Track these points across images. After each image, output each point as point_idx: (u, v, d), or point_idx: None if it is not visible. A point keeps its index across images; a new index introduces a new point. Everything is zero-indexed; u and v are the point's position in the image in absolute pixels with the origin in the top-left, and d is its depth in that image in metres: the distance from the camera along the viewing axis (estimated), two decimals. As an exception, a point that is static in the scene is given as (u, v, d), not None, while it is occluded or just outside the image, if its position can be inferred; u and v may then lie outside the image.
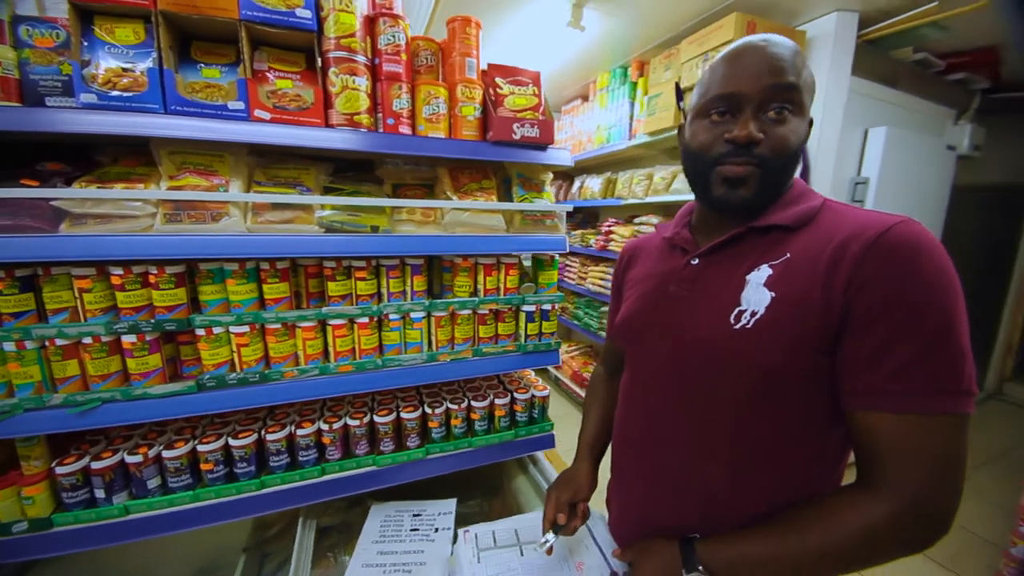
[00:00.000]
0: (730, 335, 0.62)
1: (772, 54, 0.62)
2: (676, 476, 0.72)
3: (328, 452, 1.18)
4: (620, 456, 0.87)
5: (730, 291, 0.65)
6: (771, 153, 0.62)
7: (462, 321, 1.24)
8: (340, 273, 1.10)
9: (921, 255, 0.52)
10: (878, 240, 0.54)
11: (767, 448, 0.63)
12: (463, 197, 1.18)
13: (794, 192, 0.69)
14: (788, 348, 0.58)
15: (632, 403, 0.82)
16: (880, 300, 0.53)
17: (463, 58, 1.12)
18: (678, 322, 0.71)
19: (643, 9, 2.42)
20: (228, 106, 0.92)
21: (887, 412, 0.54)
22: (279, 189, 1.04)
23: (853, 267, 0.55)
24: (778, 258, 0.63)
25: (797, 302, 0.58)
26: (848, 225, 0.59)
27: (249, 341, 1.04)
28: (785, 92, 0.61)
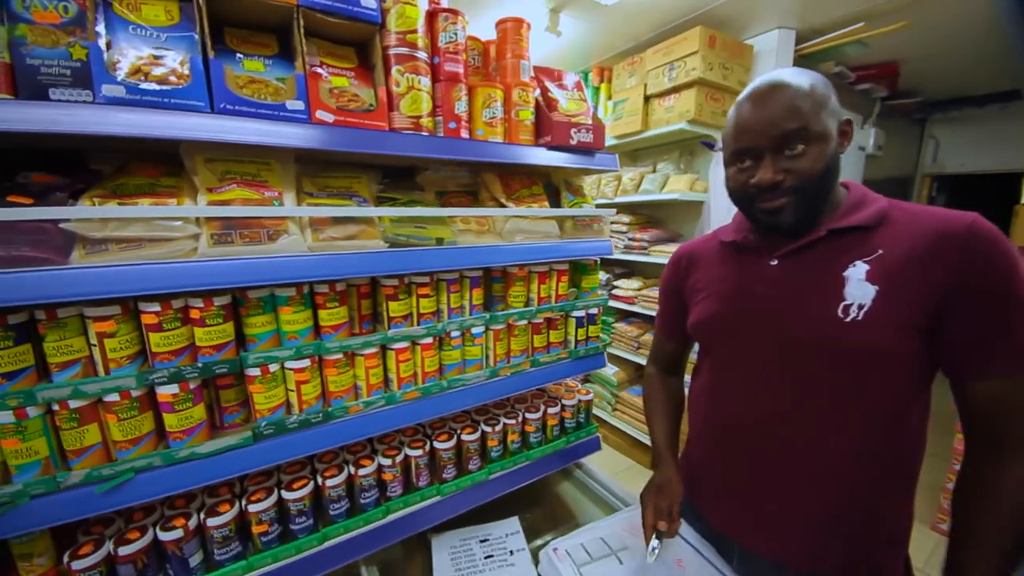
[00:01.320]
0: (843, 327, 0.69)
1: (770, 108, 0.69)
2: (791, 452, 0.76)
3: (390, 489, 1.06)
4: (713, 442, 0.91)
5: (831, 288, 0.71)
6: (798, 182, 0.70)
7: (519, 332, 1.19)
8: (402, 291, 1.00)
9: (1003, 245, 0.62)
10: (968, 235, 0.63)
11: (877, 412, 0.70)
12: (517, 204, 1.14)
13: (855, 195, 0.77)
14: (897, 331, 0.66)
15: (730, 392, 0.86)
16: (981, 284, 0.62)
17: (517, 60, 1.07)
18: (782, 320, 0.76)
19: (614, 18, 2.51)
20: (287, 105, 0.79)
21: (1010, 377, 0.62)
22: (333, 201, 0.91)
23: (954, 258, 0.63)
24: (871, 254, 0.70)
25: (901, 291, 0.66)
26: (929, 220, 0.68)
27: (309, 377, 0.90)
28: (793, 135, 0.68)
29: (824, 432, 0.73)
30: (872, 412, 0.71)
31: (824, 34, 2.57)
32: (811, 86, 0.69)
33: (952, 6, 2.36)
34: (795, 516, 0.78)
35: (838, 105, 0.71)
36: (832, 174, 0.72)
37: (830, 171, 0.71)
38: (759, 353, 0.79)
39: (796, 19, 2.52)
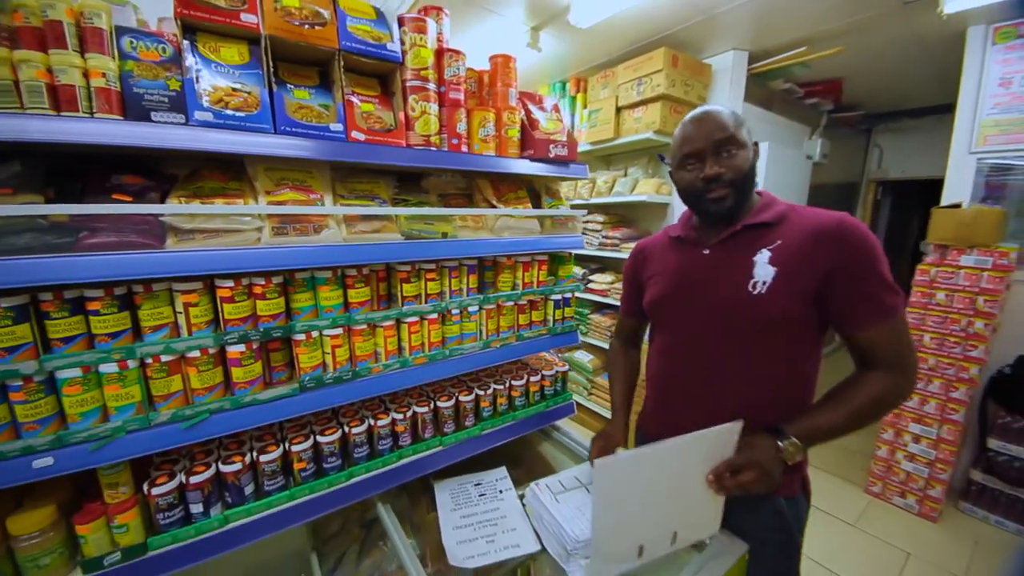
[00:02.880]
0: (752, 298, 0.95)
1: (713, 119, 0.95)
2: (721, 396, 1.03)
3: (402, 439, 1.29)
4: (662, 392, 1.17)
5: (744, 269, 0.98)
6: (734, 176, 0.95)
7: (507, 312, 1.44)
8: (414, 276, 1.23)
9: (863, 234, 0.89)
10: (838, 229, 0.90)
11: (778, 364, 0.97)
12: (505, 205, 1.38)
13: (765, 200, 1.04)
14: (789, 300, 0.93)
15: (674, 352, 1.12)
16: (850, 261, 0.88)
17: (506, 88, 1.32)
18: (709, 293, 1.02)
19: (589, 37, 2.78)
20: (330, 127, 1.01)
21: (879, 326, 0.89)
22: (360, 201, 1.14)
23: (831, 248, 0.90)
24: (772, 243, 0.97)
25: (792, 271, 0.93)
26: (813, 219, 0.95)
27: (343, 342, 1.13)
28: (726, 141, 0.94)
29: (741, 378, 1.00)
30: (776, 361, 0.97)
31: (773, 56, 2.91)
32: (732, 114, 0.96)
33: (881, 34, 2.73)
34: None
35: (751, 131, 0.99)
36: (752, 177, 0.98)
37: (751, 173, 0.97)
38: (695, 320, 1.05)
39: (748, 42, 2.85)
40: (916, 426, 2.61)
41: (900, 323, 0.90)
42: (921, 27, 2.63)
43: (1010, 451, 2.44)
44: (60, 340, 0.85)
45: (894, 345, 0.90)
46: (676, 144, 1.02)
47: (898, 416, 2.67)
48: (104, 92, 0.82)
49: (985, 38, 2.56)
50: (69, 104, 0.80)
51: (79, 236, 0.83)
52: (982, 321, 2.37)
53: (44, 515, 0.88)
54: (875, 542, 2.41)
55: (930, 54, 3.01)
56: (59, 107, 0.80)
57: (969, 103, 2.66)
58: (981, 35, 2.57)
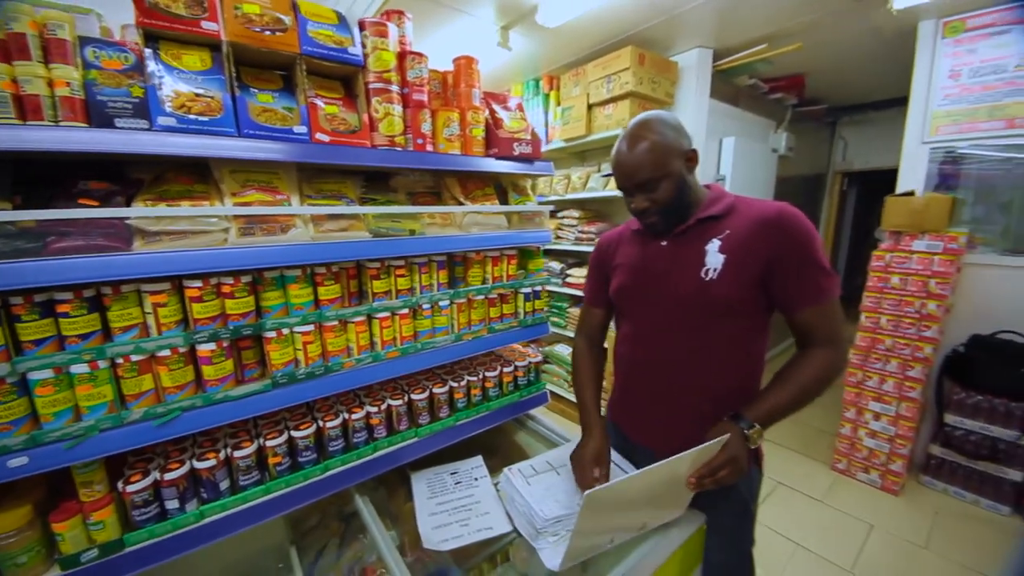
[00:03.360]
0: (704, 284, 1.03)
1: (627, 167, 1.01)
2: (677, 375, 1.10)
3: (377, 431, 1.33)
4: (628, 378, 1.24)
5: (697, 258, 1.05)
6: (660, 207, 1.03)
7: (477, 305, 1.49)
8: (383, 272, 1.27)
9: (800, 222, 0.97)
10: (777, 219, 0.98)
11: (729, 344, 1.05)
12: (473, 202, 1.43)
13: (714, 194, 1.11)
14: (737, 286, 1.00)
15: (637, 339, 1.18)
16: (789, 248, 0.96)
17: (470, 88, 1.36)
18: (668, 282, 1.09)
19: (558, 37, 2.83)
20: (294, 130, 1.05)
21: (814, 307, 0.97)
22: (328, 201, 1.17)
23: (770, 236, 0.97)
24: (721, 234, 1.04)
25: (740, 258, 1.00)
26: (756, 210, 1.02)
27: (314, 339, 1.16)
28: (645, 183, 1.00)
29: (697, 357, 1.07)
30: (727, 344, 1.05)
31: (736, 53, 3.01)
32: (653, 143, 0.98)
33: (838, 30, 2.85)
34: (676, 418, 1.12)
35: (683, 142, 1.01)
36: (684, 192, 1.03)
37: (680, 192, 1.02)
38: (656, 308, 1.12)
39: (712, 40, 2.95)
40: (876, 404, 2.74)
41: (833, 304, 0.98)
42: (875, 22, 2.76)
43: (966, 425, 2.59)
44: (31, 342, 0.87)
45: (828, 324, 0.99)
46: None
47: (859, 395, 2.81)
48: (68, 101, 0.85)
49: (935, 32, 2.70)
50: (35, 113, 0.82)
51: (47, 241, 0.85)
52: (934, 303, 2.50)
53: (21, 514, 0.90)
54: (841, 516, 2.54)
55: (887, 48, 3.15)
56: (25, 116, 0.82)
57: (921, 95, 2.79)
58: (931, 29, 2.70)
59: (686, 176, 1.03)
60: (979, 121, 2.59)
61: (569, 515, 1.11)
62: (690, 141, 1.04)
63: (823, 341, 1.00)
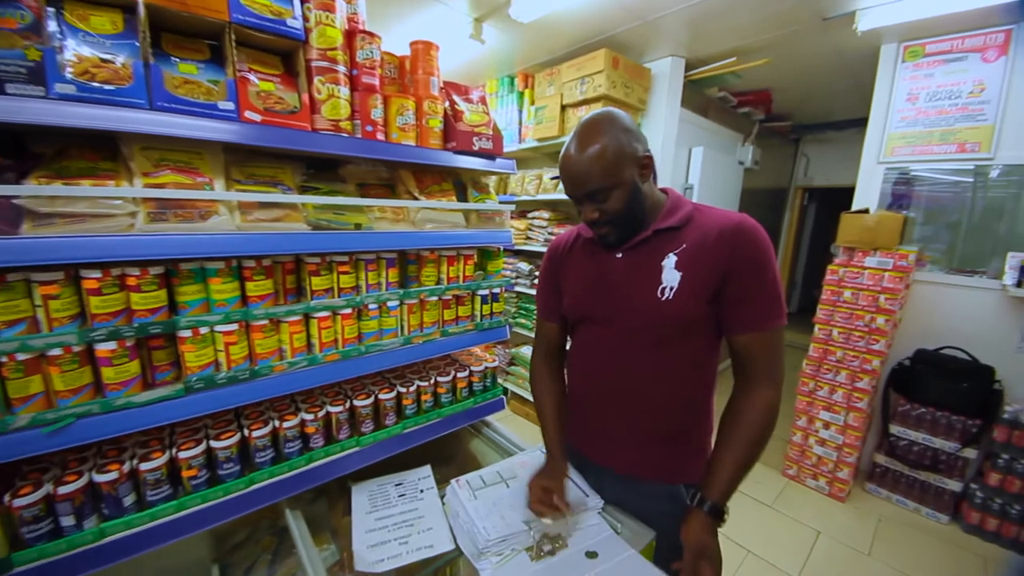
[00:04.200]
0: (661, 304, 0.97)
1: (575, 173, 0.92)
2: (632, 394, 1.05)
3: (312, 440, 1.23)
4: (581, 396, 1.18)
5: (653, 274, 0.99)
6: (612, 216, 0.95)
7: (430, 307, 1.41)
8: (324, 268, 1.17)
9: (759, 238, 0.92)
10: (735, 231, 0.93)
11: (684, 362, 1.00)
12: (428, 197, 1.35)
13: (672, 202, 1.04)
14: (695, 304, 0.95)
15: (593, 355, 1.12)
16: (741, 264, 0.91)
17: (427, 76, 1.28)
18: (623, 299, 1.03)
19: (532, 32, 2.78)
20: (219, 105, 0.94)
21: (757, 333, 0.93)
22: (260, 188, 1.06)
23: (727, 248, 0.92)
24: (678, 248, 0.98)
25: (696, 276, 0.94)
26: (714, 221, 0.96)
27: (237, 339, 1.05)
28: (594, 193, 0.92)
29: (651, 377, 1.01)
30: (682, 362, 0.99)
31: (708, 64, 3.04)
32: (603, 148, 0.88)
33: (805, 48, 2.92)
34: (631, 436, 1.07)
35: (637, 147, 0.92)
36: (637, 200, 0.95)
37: (634, 201, 0.94)
38: (609, 324, 1.06)
39: (685, 49, 2.96)
40: (826, 413, 2.82)
41: (777, 334, 0.93)
42: (840, 43, 2.84)
43: (909, 436, 2.69)
44: None
45: (768, 355, 0.93)
46: None
47: (810, 404, 2.88)
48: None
49: (896, 55, 2.80)
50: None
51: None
52: (883, 317, 2.59)
53: None
54: (790, 522, 2.59)
55: (849, 69, 3.26)
56: None
57: (880, 116, 2.89)
58: (893, 53, 2.80)
59: (639, 184, 0.96)
60: (932, 144, 2.71)
61: (514, 534, 1.05)
62: (645, 145, 0.97)
63: (761, 376, 0.94)
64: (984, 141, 2.56)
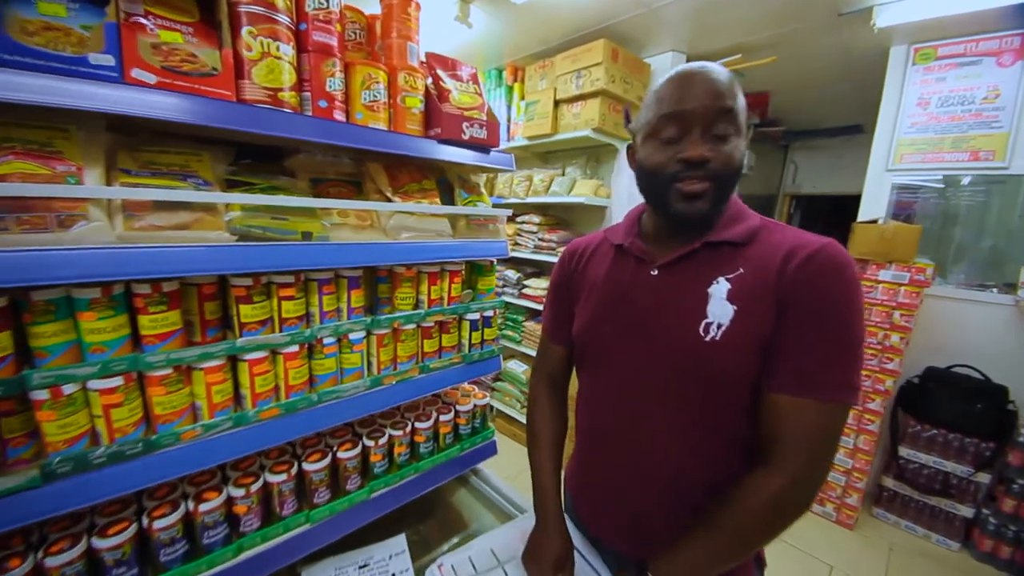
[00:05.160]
0: (703, 346, 0.70)
1: (715, 79, 0.67)
2: (649, 462, 0.78)
3: (244, 523, 0.91)
4: (590, 453, 0.90)
5: (695, 303, 0.72)
6: (722, 168, 0.68)
7: (406, 337, 1.11)
8: (258, 293, 0.86)
9: (843, 274, 0.65)
10: (812, 257, 0.65)
11: (726, 429, 0.73)
12: (404, 198, 1.05)
13: (733, 209, 0.78)
14: (751, 354, 0.68)
15: (605, 403, 0.85)
16: (806, 301, 0.64)
17: (404, 42, 0.98)
18: (650, 330, 0.76)
19: (524, 17, 2.51)
20: (89, 59, 0.62)
21: (805, 399, 0.64)
22: (161, 181, 0.75)
23: (792, 278, 0.66)
24: (733, 272, 0.71)
25: (755, 313, 0.68)
26: (787, 243, 0.69)
27: (123, 399, 0.73)
28: (727, 115, 0.66)
29: (683, 438, 0.74)
30: (727, 420, 0.72)
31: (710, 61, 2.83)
32: (740, 90, 0.68)
33: (813, 46, 2.74)
34: (651, 515, 0.79)
35: None
36: (739, 176, 0.71)
37: (740, 171, 0.70)
38: (631, 364, 0.79)
39: (686, 45, 2.75)
40: (837, 437, 2.64)
41: (827, 412, 0.64)
42: (849, 42, 2.67)
43: (920, 459, 2.53)
44: None
45: (803, 435, 0.65)
46: (652, 102, 0.72)
47: (821, 427, 2.69)
48: None
49: (907, 58, 2.65)
50: None
51: None
52: (898, 335, 2.42)
53: None
54: (800, 556, 2.38)
55: (852, 73, 3.11)
56: None
57: (888, 121, 2.74)
58: (903, 55, 2.65)
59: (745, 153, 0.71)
60: (944, 151, 2.56)
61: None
62: None
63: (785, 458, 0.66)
64: (998, 149, 2.43)
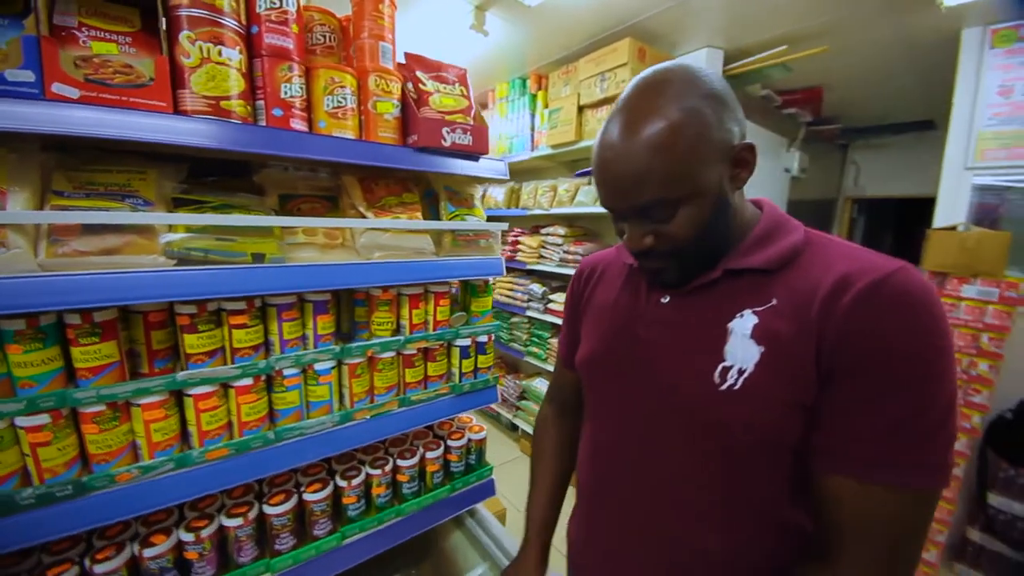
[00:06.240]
0: (717, 396, 0.54)
1: (619, 172, 0.53)
2: (653, 530, 0.62)
3: (195, 570, 0.83)
4: (587, 505, 0.75)
5: (711, 341, 0.56)
6: (672, 248, 0.56)
7: (383, 366, 1.00)
8: (204, 321, 0.78)
9: (920, 311, 0.46)
10: (875, 288, 0.47)
11: (753, 501, 0.55)
12: (381, 214, 0.95)
13: (767, 224, 0.61)
14: (781, 409, 0.51)
15: (602, 450, 0.70)
16: (868, 354, 0.47)
17: (375, 41, 0.89)
18: (654, 371, 0.62)
19: (543, 22, 2.40)
20: (6, 76, 0.57)
21: (857, 479, 0.48)
22: (93, 203, 0.69)
23: (845, 316, 0.48)
24: (763, 304, 0.55)
25: (788, 357, 0.51)
26: (839, 266, 0.51)
27: (51, 437, 0.67)
28: (649, 208, 0.54)
29: (693, 520, 0.58)
30: (757, 505, 0.55)
31: (751, 56, 2.59)
32: (672, 127, 0.51)
33: (870, 33, 2.44)
34: None
35: (731, 129, 0.54)
36: (722, 221, 0.57)
37: (716, 222, 0.56)
38: (633, 407, 0.64)
39: (724, 39, 2.53)
40: (910, 479, 2.27)
41: (917, 502, 0.47)
42: (913, 27, 2.36)
43: (1013, 509, 2.12)
44: None
45: (888, 531, 0.48)
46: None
47: (889, 466, 2.33)
48: None
49: (982, 41, 2.31)
50: None
51: None
52: (986, 362, 2.05)
53: None
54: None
55: (918, 62, 2.76)
56: None
57: (964, 114, 2.38)
58: (977, 38, 2.31)
59: (729, 194, 0.56)
60: (1037, 145, 2.18)
61: None
62: (743, 126, 0.56)
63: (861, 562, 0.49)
64: (1106, 141, 2.03)
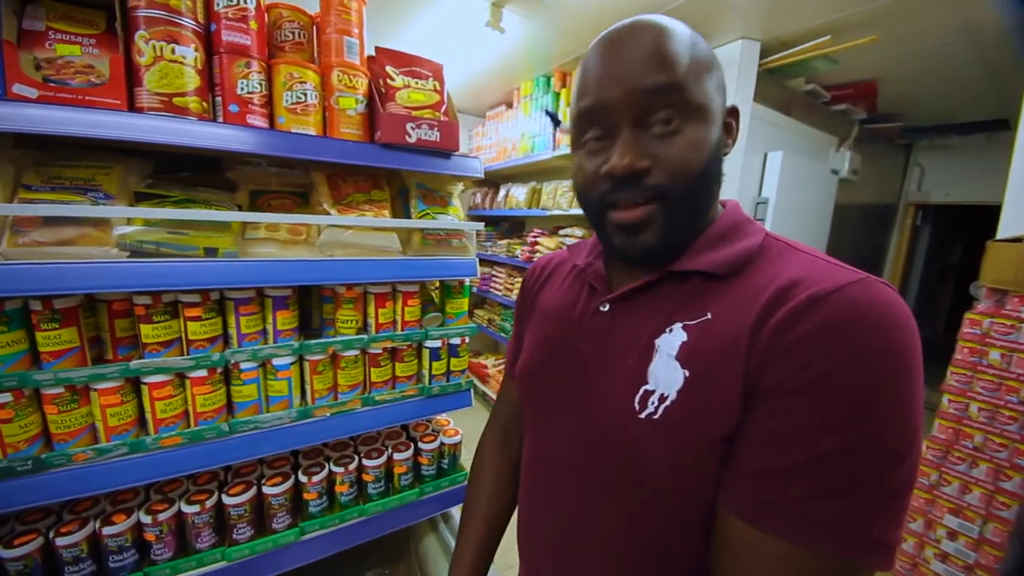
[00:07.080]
0: (633, 425, 0.46)
1: (643, 41, 0.45)
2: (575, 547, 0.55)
3: (154, 551, 0.87)
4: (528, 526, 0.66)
5: (637, 360, 0.49)
6: (668, 180, 0.46)
7: (347, 364, 1.00)
8: (159, 312, 0.81)
9: (872, 333, 0.37)
10: (817, 300, 0.39)
11: (669, 548, 0.47)
12: (345, 211, 0.95)
13: (724, 224, 0.52)
14: (705, 444, 0.43)
15: (537, 472, 0.62)
16: (791, 377, 0.38)
17: (340, 36, 0.89)
18: (584, 391, 0.54)
19: (562, 18, 2.34)
20: (-47, 71, 0.61)
21: (750, 524, 0.39)
22: (57, 196, 0.72)
23: (774, 331, 0.40)
24: (696, 318, 0.47)
25: (714, 384, 0.43)
26: (788, 274, 0.43)
27: (13, 415, 0.71)
28: (660, 95, 0.44)
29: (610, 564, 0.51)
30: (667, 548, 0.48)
31: (791, 47, 2.40)
32: (692, 37, 0.47)
33: (922, 19, 2.19)
34: None
35: (725, 84, 0.50)
36: (709, 182, 0.48)
37: (709, 176, 0.48)
38: (559, 433, 0.57)
39: (760, 30, 2.36)
40: (953, 519, 2.02)
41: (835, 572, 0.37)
42: (977, 15, 2.09)
43: (1084, 565, 1.84)
44: None
45: None
46: (573, 91, 0.53)
47: (931, 503, 2.10)
48: None
49: (1065, 28, 2.00)
50: None
51: None
52: (1053, 394, 1.79)
53: None
54: (894, 673, 1.84)
55: (984, 54, 2.44)
56: None
57: (1040, 110, 2.08)
58: (1060, 24, 2.01)
59: (721, 154, 0.50)
60: None
61: None
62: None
63: None
64: None
